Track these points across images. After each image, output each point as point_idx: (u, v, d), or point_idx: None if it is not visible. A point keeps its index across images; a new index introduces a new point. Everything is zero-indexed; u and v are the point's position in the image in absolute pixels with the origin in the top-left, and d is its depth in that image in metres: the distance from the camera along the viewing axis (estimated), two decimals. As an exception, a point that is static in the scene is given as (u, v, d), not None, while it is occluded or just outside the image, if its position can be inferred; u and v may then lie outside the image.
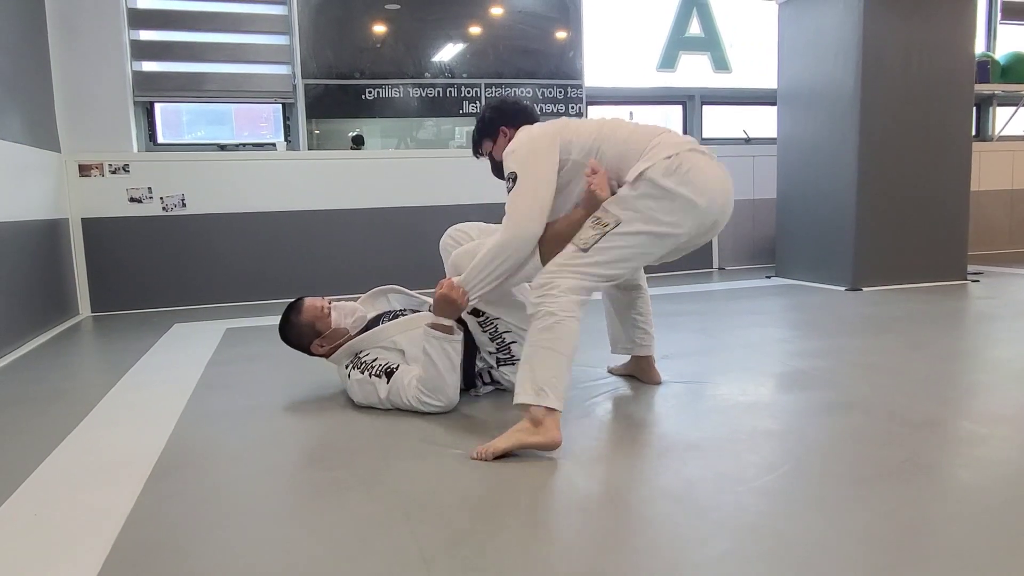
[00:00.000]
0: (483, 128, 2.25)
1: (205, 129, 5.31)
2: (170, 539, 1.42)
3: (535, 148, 1.99)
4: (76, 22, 4.44)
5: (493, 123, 2.22)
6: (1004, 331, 3.22)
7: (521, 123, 2.15)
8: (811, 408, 2.13)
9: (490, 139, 2.24)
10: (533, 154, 1.99)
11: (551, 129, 2.05)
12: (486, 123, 2.24)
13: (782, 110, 4.99)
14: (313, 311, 2.28)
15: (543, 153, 1.99)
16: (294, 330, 2.31)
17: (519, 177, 1.95)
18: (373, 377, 2.15)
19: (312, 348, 2.30)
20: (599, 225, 1.91)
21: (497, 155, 2.19)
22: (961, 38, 4.47)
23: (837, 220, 4.49)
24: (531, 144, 2.00)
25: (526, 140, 2.02)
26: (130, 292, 4.52)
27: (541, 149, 1.99)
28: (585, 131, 2.04)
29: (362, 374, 2.17)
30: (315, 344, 2.29)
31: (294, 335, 2.32)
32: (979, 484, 1.57)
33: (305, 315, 2.29)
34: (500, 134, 2.20)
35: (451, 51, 5.48)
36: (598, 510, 1.51)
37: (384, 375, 2.14)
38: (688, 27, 6.09)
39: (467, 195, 4.97)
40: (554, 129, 2.05)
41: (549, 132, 2.04)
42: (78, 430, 2.13)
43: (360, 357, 2.20)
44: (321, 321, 2.28)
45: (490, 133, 2.23)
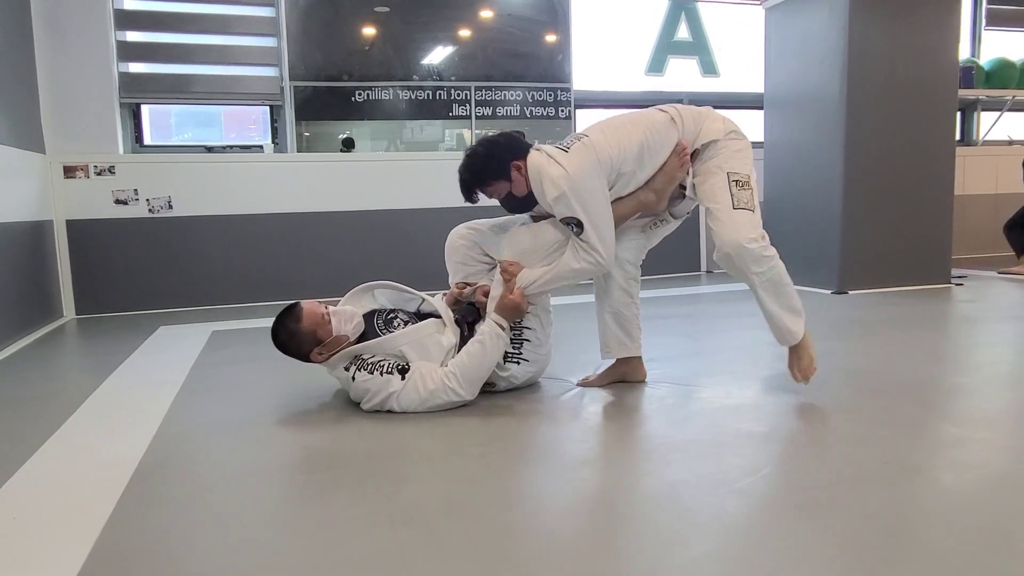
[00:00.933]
0: (491, 170, 2.20)
1: (194, 131, 5.28)
2: (150, 543, 1.41)
3: (586, 187, 2.07)
4: (62, 22, 4.41)
5: (503, 163, 2.18)
6: (986, 334, 3.25)
7: (524, 151, 2.18)
8: (795, 411, 2.14)
9: (504, 179, 2.20)
10: (587, 193, 2.07)
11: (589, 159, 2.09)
12: (493, 167, 2.19)
13: (769, 114, 5.02)
14: (314, 319, 2.17)
15: (595, 189, 2.09)
16: (294, 339, 2.19)
17: (584, 221, 2.07)
18: (384, 375, 2.11)
19: (312, 356, 2.20)
20: (745, 185, 2.15)
21: (518, 191, 2.20)
22: (945, 44, 4.52)
23: (823, 224, 4.52)
24: (583, 183, 2.07)
25: (576, 179, 2.06)
26: (115, 294, 4.49)
27: (591, 186, 2.08)
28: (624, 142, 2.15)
29: (370, 374, 2.12)
30: (314, 352, 2.19)
31: (293, 344, 2.20)
32: (960, 487, 1.58)
33: (306, 323, 2.17)
34: (514, 170, 2.18)
35: (440, 54, 5.48)
36: (582, 512, 1.51)
37: (397, 372, 2.12)
38: (676, 31, 6.11)
39: (457, 198, 4.94)
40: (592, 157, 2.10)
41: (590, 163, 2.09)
42: (60, 433, 2.11)
43: (364, 358, 2.15)
44: (322, 329, 2.17)
45: (503, 174, 2.19)
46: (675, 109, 2.26)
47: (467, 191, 2.24)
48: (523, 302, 2.15)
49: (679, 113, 2.23)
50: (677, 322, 3.59)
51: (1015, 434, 1.92)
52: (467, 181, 2.23)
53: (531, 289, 2.17)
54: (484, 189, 2.23)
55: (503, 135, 2.27)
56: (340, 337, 2.19)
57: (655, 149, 2.19)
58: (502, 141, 2.23)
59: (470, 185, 2.23)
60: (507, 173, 2.18)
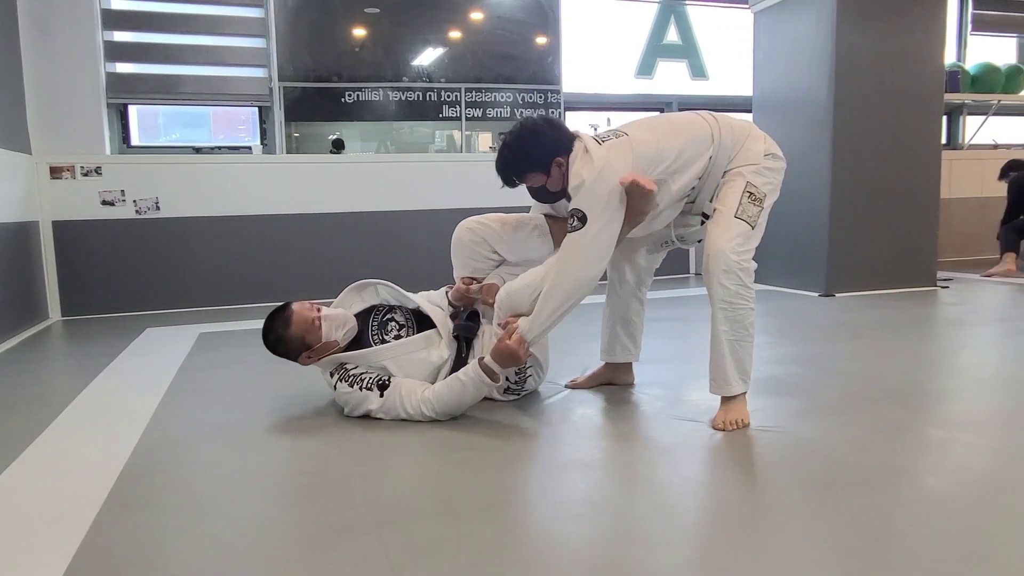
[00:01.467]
0: (530, 160, 2.05)
1: (182, 132, 5.26)
2: (135, 546, 1.40)
3: (607, 187, 1.91)
4: (48, 22, 4.38)
5: (546, 155, 2.03)
6: (972, 337, 3.28)
7: (570, 147, 2.02)
8: (782, 414, 2.15)
9: (542, 172, 2.06)
10: (603, 193, 1.91)
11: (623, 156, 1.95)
12: (534, 157, 2.04)
13: (757, 117, 5.04)
14: (304, 324, 2.12)
15: (616, 191, 1.92)
16: (282, 343, 2.15)
17: (589, 220, 1.90)
18: (364, 390, 2.09)
19: (300, 360, 2.18)
20: (756, 201, 2.02)
21: (552, 187, 2.08)
22: (932, 48, 4.55)
23: (811, 227, 4.55)
24: (605, 182, 1.91)
25: (599, 176, 1.91)
26: (101, 296, 4.46)
27: (614, 187, 1.92)
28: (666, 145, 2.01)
29: (350, 387, 2.10)
30: (303, 356, 2.16)
31: (282, 348, 2.17)
32: (944, 490, 1.59)
33: (295, 328, 2.12)
34: (555, 166, 2.04)
35: (430, 55, 5.48)
36: (569, 516, 1.51)
37: (376, 387, 2.09)
38: (666, 34, 6.14)
39: (447, 199, 4.96)
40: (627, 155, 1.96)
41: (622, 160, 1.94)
42: (44, 436, 2.09)
43: (347, 368, 2.13)
44: (312, 334, 2.13)
45: (542, 166, 2.05)
46: (716, 123, 2.09)
47: (506, 177, 2.09)
48: (520, 349, 1.97)
49: (719, 130, 2.08)
50: (667, 324, 3.60)
51: (999, 437, 1.94)
52: (505, 168, 2.08)
53: (532, 333, 2.00)
54: (519, 176, 2.09)
55: (551, 124, 2.09)
56: (329, 343, 2.15)
57: (691, 161, 2.04)
58: (550, 133, 2.06)
59: (508, 172, 2.08)
60: (547, 167, 2.04)
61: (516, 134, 2.08)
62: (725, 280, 1.97)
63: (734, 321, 2.01)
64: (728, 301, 1.99)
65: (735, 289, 1.98)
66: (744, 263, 2.00)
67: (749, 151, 2.07)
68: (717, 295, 2.00)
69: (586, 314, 2.49)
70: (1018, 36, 7.24)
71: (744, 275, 1.99)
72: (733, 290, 1.98)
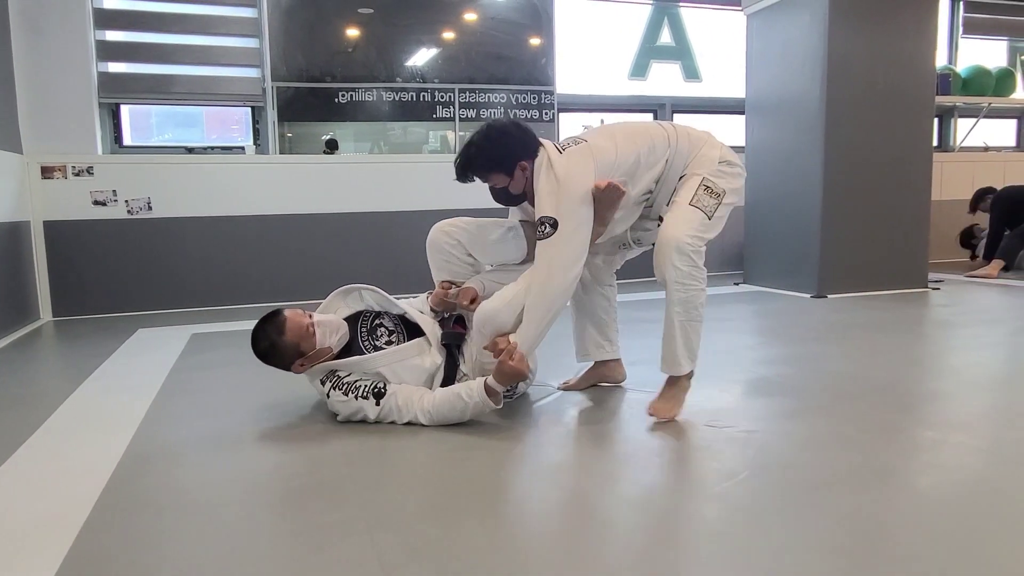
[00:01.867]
0: (496, 162, 2.08)
1: (175, 132, 5.24)
2: (125, 549, 1.39)
3: (575, 192, 1.97)
4: (40, 21, 4.36)
5: (511, 158, 2.07)
6: (962, 338, 3.30)
7: (534, 152, 2.07)
8: (773, 415, 2.16)
9: (504, 173, 2.09)
10: (572, 199, 1.97)
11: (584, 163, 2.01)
12: (499, 158, 2.08)
13: (750, 119, 5.06)
14: (298, 331, 2.08)
15: (583, 196, 1.98)
16: (276, 351, 2.10)
17: (560, 224, 1.96)
18: (360, 399, 2.07)
19: (293, 368, 2.14)
20: (713, 194, 2.07)
21: (514, 189, 2.12)
22: (923, 51, 4.58)
23: (803, 228, 4.57)
24: (570, 187, 1.97)
25: (563, 182, 1.97)
26: (93, 296, 4.44)
27: (580, 192, 1.98)
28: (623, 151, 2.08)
29: (345, 395, 2.07)
30: (296, 364, 2.12)
31: (275, 356, 2.12)
32: (935, 490, 1.60)
33: (289, 335, 2.08)
34: (518, 169, 2.08)
35: (424, 56, 5.47)
36: (560, 518, 1.51)
37: (372, 396, 2.07)
38: (659, 36, 6.15)
39: (440, 200, 4.96)
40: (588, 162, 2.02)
41: (584, 167, 2.01)
42: (35, 437, 2.08)
43: (340, 376, 2.10)
44: (306, 341, 2.09)
45: (505, 168, 2.08)
46: (674, 131, 2.17)
47: (462, 173, 2.11)
48: (524, 367, 1.98)
49: (676, 136, 2.15)
50: (656, 326, 3.58)
51: (989, 437, 1.95)
52: (466, 165, 2.10)
53: (527, 346, 2.01)
54: (481, 175, 2.12)
55: (518, 128, 2.12)
56: (323, 350, 2.12)
57: (648, 166, 2.12)
58: (517, 136, 2.09)
59: (467, 169, 2.10)
60: (511, 169, 2.08)
61: (484, 134, 2.10)
62: (678, 261, 2.01)
63: (686, 302, 2.06)
64: (681, 282, 2.03)
65: (687, 270, 2.03)
66: (697, 245, 2.03)
67: (705, 157, 2.14)
68: (671, 276, 2.03)
69: (579, 315, 2.49)
70: (1008, 39, 7.29)
71: (696, 256, 2.04)
72: (686, 271, 2.02)
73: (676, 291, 2.04)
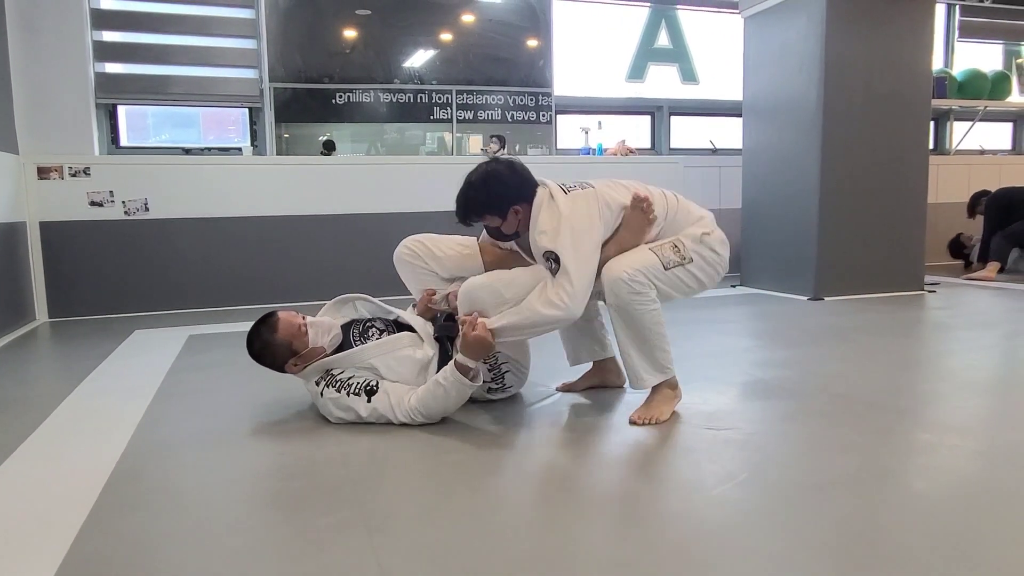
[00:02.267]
0: (488, 205, 2.10)
1: (171, 132, 5.23)
2: (122, 552, 1.39)
3: (577, 228, 2.01)
4: (37, 21, 4.35)
5: (505, 202, 2.09)
6: (958, 341, 3.31)
7: (530, 196, 2.09)
8: (770, 417, 2.16)
9: (498, 215, 2.11)
10: (574, 235, 2.00)
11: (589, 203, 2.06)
12: (493, 202, 2.10)
13: (747, 121, 5.07)
14: (290, 329, 2.12)
15: (586, 230, 2.03)
16: (269, 350, 2.14)
17: (563, 261, 1.98)
18: (352, 396, 2.08)
19: (287, 368, 2.16)
20: (680, 255, 2.13)
21: (507, 230, 2.14)
22: (919, 54, 4.59)
23: (800, 231, 4.58)
24: (572, 224, 2.01)
25: (566, 217, 2.01)
26: (89, 297, 4.43)
27: (583, 226, 2.02)
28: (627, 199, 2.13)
29: (338, 392, 2.09)
30: (289, 364, 2.14)
31: (268, 355, 2.15)
32: (931, 493, 1.61)
33: (282, 334, 2.11)
34: (512, 213, 2.10)
35: (422, 57, 5.48)
36: (558, 519, 1.51)
37: (364, 393, 2.08)
38: (657, 39, 6.17)
39: (437, 202, 4.96)
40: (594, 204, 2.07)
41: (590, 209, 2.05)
42: (31, 440, 2.08)
43: (334, 374, 2.12)
44: (298, 340, 2.12)
45: (499, 211, 2.10)
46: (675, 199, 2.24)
47: (462, 217, 2.15)
48: (487, 335, 1.98)
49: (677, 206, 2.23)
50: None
51: (984, 440, 1.95)
52: (463, 207, 2.14)
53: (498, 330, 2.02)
54: (476, 219, 2.16)
55: (514, 172, 2.13)
56: (316, 349, 2.14)
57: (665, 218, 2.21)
58: (512, 181, 2.11)
59: (465, 211, 2.14)
60: (504, 213, 2.10)
61: (480, 176, 2.12)
62: (618, 291, 2.05)
63: (631, 323, 2.08)
64: (622, 309, 2.07)
65: (628, 297, 2.05)
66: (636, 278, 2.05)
67: (689, 232, 2.19)
68: (610, 302, 2.08)
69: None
70: (1004, 43, 7.32)
71: (635, 284, 2.05)
72: (626, 299, 2.05)
73: (620, 318, 2.09)
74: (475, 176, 2.13)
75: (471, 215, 2.13)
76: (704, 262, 2.18)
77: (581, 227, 2.02)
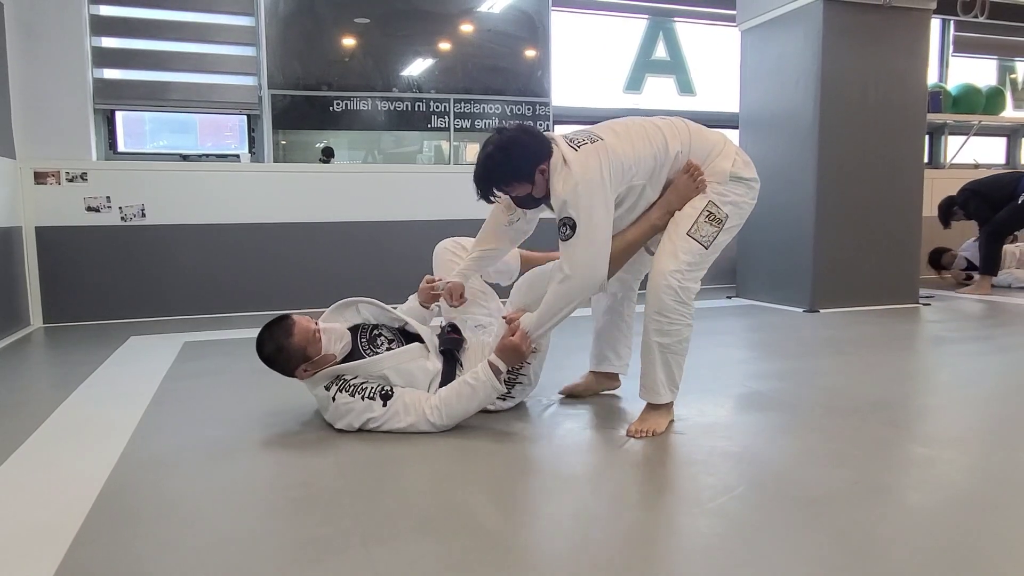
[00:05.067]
0: (514, 172, 2.02)
1: (168, 138, 5.23)
2: (117, 561, 1.38)
3: (592, 190, 1.93)
4: (36, 27, 4.35)
5: (530, 164, 2.00)
6: (953, 354, 3.32)
7: (549, 153, 2.00)
8: (767, 430, 2.16)
9: (527, 181, 2.02)
10: (590, 197, 1.93)
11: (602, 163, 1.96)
12: (518, 167, 2.01)
13: (744, 134, 5.09)
14: (306, 335, 2.10)
15: (599, 194, 1.95)
16: (282, 353, 2.11)
17: (579, 224, 1.93)
18: (367, 399, 2.07)
19: (297, 373, 2.15)
20: (715, 221, 2.05)
21: (537, 193, 2.05)
22: (915, 69, 4.63)
23: (796, 242, 4.59)
24: (587, 187, 1.93)
25: (580, 181, 1.92)
26: (85, 303, 4.41)
27: (597, 190, 1.94)
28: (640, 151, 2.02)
29: (351, 396, 2.08)
30: (300, 369, 2.13)
31: (282, 358, 2.13)
32: (927, 506, 1.61)
33: (297, 339, 2.10)
34: (538, 173, 2.01)
35: (420, 66, 5.49)
36: (554, 532, 1.51)
37: (379, 397, 2.08)
38: (654, 50, 6.20)
39: (434, 210, 4.97)
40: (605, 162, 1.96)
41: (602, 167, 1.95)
42: (25, 447, 2.06)
43: (347, 379, 2.11)
44: (313, 346, 2.11)
45: (526, 175, 2.01)
46: (685, 125, 2.13)
47: (486, 190, 2.05)
48: (523, 344, 2.03)
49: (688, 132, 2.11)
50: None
51: (980, 454, 1.96)
52: (487, 180, 2.03)
53: (535, 330, 2.05)
54: (504, 189, 2.07)
55: (528, 133, 2.05)
56: (329, 355, 2.13)
57: (665, 166, 2.08)
58: (529, 142, 2.02)
59: (488, 184, 2.04)
60: (532, 176, 2.01)
61: (497, 145, 2.02)
62: (664, 296, 2.03)
63: (667, 334, 2.07)
64: (663, 315, 2.05)
65: (673, 305, 2.04)
66: (687, 283, 2.05)
67: (716, 168, 2.09)
68: (652, 306, 2.06)
69: (578, 325, 2.50)
70: (998, 58, 7.38)
71: (684, 293, 2.04)
72: (671, 305, 2.03)
73: (659, 322, 2.06)
74: (492, 147, 2.03)
75: (497, 186, 2.05)
76: (736, 206, 2.10)
77: (594, 188, 1.94)
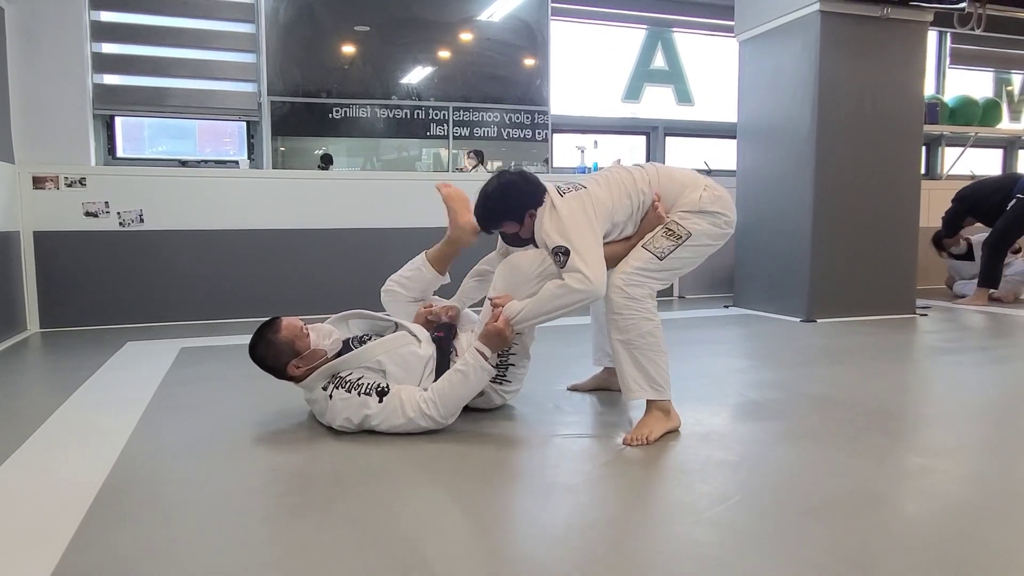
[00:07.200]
0: (507, 212, 2.23)
1: (167, 144, 5.24)
2: (113, 566, 1.38)
3: (577, 220, 2.12)
4: (37, 32, 4.36)
5: (521, 208, 2.21)
6: (949, 365, 3.32)
7: (541, 200, 2.20)
8: (763, 439, 2.16)
9: (515, 222, 2.24)
10: (577, 226, 2.11)
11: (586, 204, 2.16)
12: (511, 208, 2.22)
13: (742, 144, 5.12)
14: (292, 330, 2.17)
15: (586, 224, 2.13)
16: (271, 348, 2.16)
17: (571, 248, 2.08)
18: (363, 395, 2.10)
19: (288, 369, 2.17)
20: (673, 236, 2.21)
21: (524, 234, 2.25)
22: (912, 80, 4.65)
23: (793, 252, 4.61)
24: (573, 218, 2.12)
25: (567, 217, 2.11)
26: (82, 308, 4.41)
27: (583, 221, 2.13)
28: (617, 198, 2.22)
29: (348, 393, 2.10)
30: (291, 365, 2.16)
31: (271, 354, 2.17)
32: (922, 517, 1.61)
33: (284, 333, 2.16)
34: (528, 217, 2.22)
35: (419, 74, 5.52)
36: (552, 539, 1.51)
37: (375, 394, 2.10)
38: (653, 60, 6.23)
39: (433, 218, 4.96)
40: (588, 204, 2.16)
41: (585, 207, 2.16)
42: (21, 451, 2.06)
43: (343, 376, 2.14)
44: (300, 340, 2.16)
45: (517, 217, 2.23)
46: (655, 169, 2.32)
47: (485, 225, 2.31)
48: (506, 330, 2.11)
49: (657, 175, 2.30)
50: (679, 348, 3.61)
51: (976, 464, 1.96)
52: (486, 217, 2.28)
53: (518, 319, 2.12)
54: (494, 225, 2.29)
55: (526, 180, 2.25)
56: (318, 351, 2.18)
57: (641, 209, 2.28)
58: (525, 188, 2.22)
59: (488, 221, 2.28)
60: (521, 218, 2.22)
61: (496, 187, 2.23)
62: (612, 295, 2.15)
63: (624, 330, 2.15)
64: (615, 312, 2.15)
65: (621, 301, 2.14)
66: (633, 281, 2.15)
67: (684, 201, 2.27)
68: (608, 309, 2.18)
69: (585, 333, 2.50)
70: (995, 70, 7.43)
71: (630, 289, 2.15)
72: (619, 302, 2.14)
73: (614, 321, 2.17)
74: (491, 188, 2.24)
75: (491, 223, 2.28)
76: (709, 225, 2.25)
77: (581, 222, 2.12)
